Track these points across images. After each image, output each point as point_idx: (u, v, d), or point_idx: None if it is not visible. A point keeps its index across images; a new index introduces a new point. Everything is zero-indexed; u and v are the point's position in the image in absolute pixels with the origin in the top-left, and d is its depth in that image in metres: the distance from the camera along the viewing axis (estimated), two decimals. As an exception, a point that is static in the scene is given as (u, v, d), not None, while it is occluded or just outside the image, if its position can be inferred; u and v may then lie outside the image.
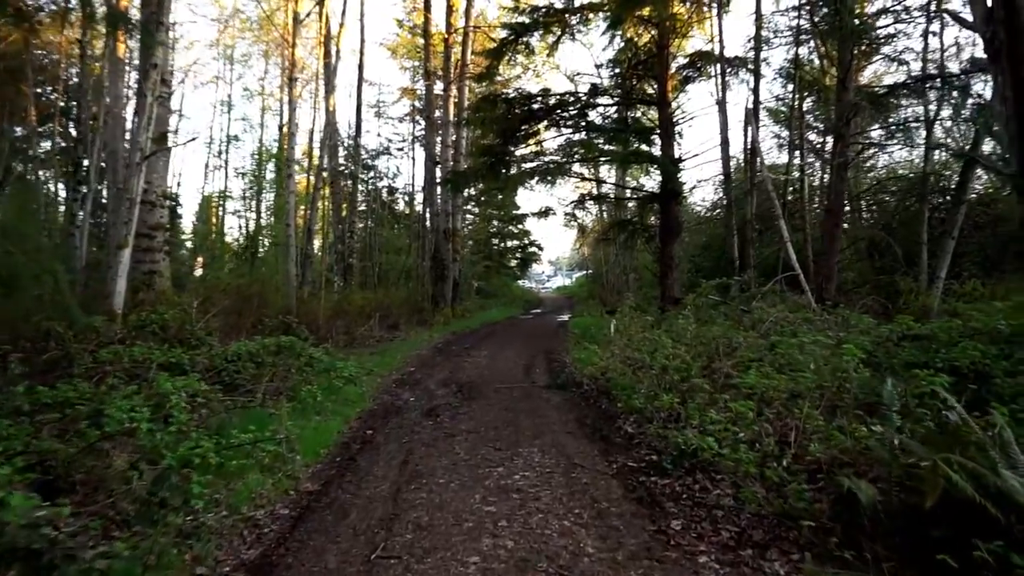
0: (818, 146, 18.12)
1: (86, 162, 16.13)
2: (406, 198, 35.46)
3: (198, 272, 19.66)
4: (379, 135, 51.35)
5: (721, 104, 16.30)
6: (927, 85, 13.47)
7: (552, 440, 6.33)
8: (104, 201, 17.80)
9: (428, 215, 24.40)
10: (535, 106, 17.12)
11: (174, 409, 5.18)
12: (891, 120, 15.87)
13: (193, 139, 14.58)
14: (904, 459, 3.88)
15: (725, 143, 16.41)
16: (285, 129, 17.24)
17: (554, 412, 7.70)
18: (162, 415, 5.23)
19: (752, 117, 14.77)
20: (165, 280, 12.39)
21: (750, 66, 16.73)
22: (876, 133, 17.37)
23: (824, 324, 9.36)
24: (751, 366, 7.18)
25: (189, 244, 25.33)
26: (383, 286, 25.29)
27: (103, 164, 16.56)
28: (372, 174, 33.71)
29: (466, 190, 17.95)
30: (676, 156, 17.04)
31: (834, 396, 5.64)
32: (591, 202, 22.39)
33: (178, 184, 29.07)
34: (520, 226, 37.45)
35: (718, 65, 17.34)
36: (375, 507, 4.55)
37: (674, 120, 16.98)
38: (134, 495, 3.92)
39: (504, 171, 16.67)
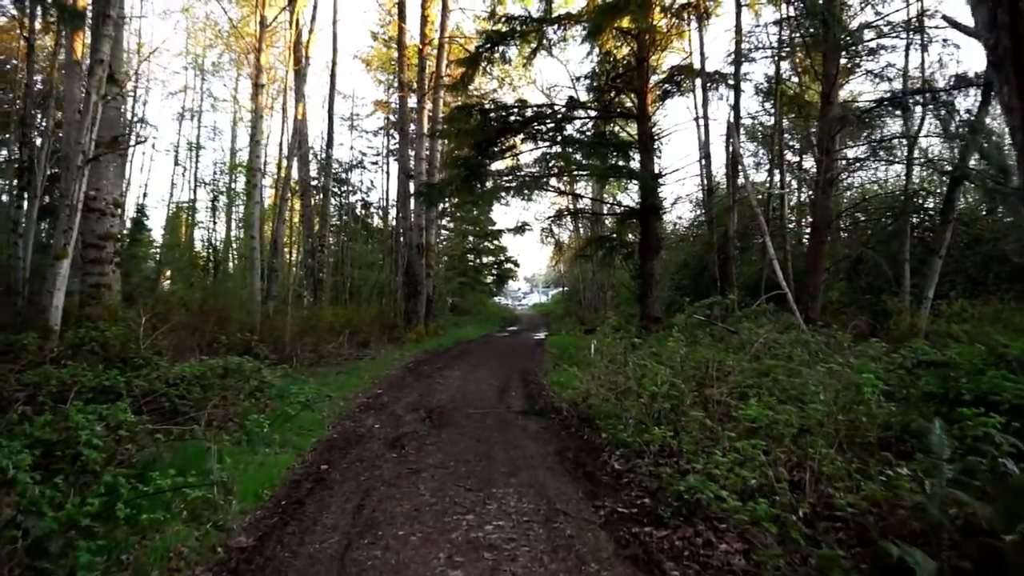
0: (797, 164, 17.67)
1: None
2: (380, 212, 34.64)
3: (166, 286, 18.62)
4: (352, 148, 50.32)
5: (703, 117, 15.76)
6: (912, 100, 13.01)
7: (530, 478, 5.56)
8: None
9: (401, 229, 23.62)
10: (511, 118, 16.50)
11: (84, 446, 4.34)
12: (872, 137, 15.44)
13: (142, 141, 13.52)
14: (958, 516, 3.18)
15: (707, 157, 15.90)
16: (251, 138, 16.42)
17: (532, 443, 6.93)
18: (72, 453, 4.41)
19: (734, 130, 14.22)
20: (115, 294, 11.46)
21: (730, 81, 16.24)
22: (853, 152, 16.96)
23: (817, 347, 8.72)
24: (747, 393, 6.49)
25: (157, 257, 24.25)
26: (355, 302, 24.42)
27: (56, 171, 15.62)
28: (345, 188, 32.88)
29: (440, 204, 17.15)
30: (656, 171, 16.50)
31: (850, 432, 4.95)
32: (568, 217, 21.72)
33: (144, 195, 27.88)
34: (496, 242, 36.81)
35: (698, 79, 16.83)
36: (317, 571, 3.74)
37: (653, 135, 16.44)
38: (10, 564, 3.08)
39: (479, 184, 15.99)
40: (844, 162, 15.47)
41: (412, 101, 23.55)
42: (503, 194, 15.91)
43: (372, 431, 7.61)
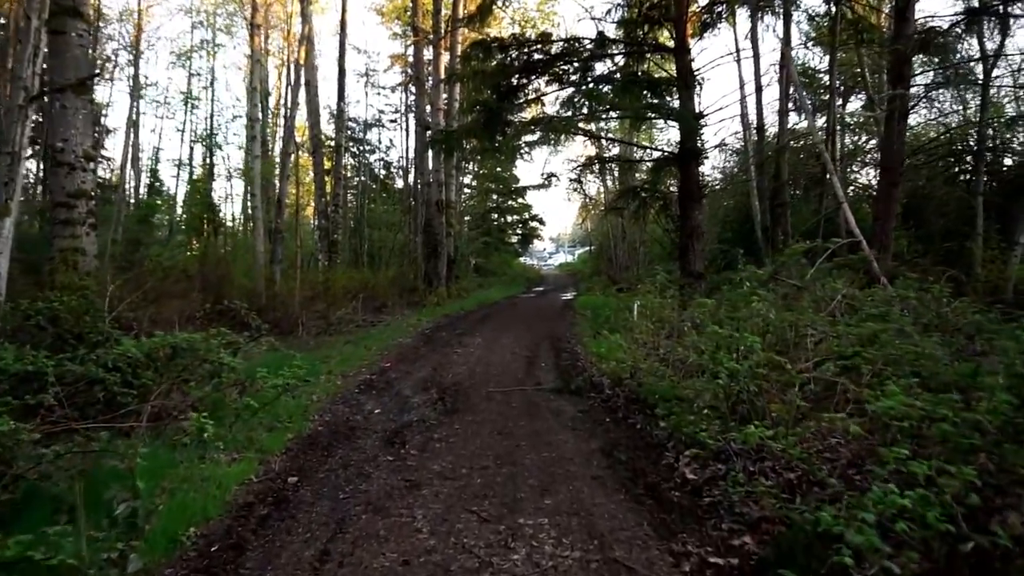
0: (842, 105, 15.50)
1: None
2: (400, 172, 32.86)
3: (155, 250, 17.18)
4: (370, 106, 48.47)
5: (752, 47, 13.68)
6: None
7: (571, 496, 3.93)
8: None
9: (419, 185, 21.91)
10: (534, 56, 14.56)
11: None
12: (944, 63, 13.30)
13: (96, 74, 11.69)
14: None
15: (759, 90, 13.83)
16: (248, 84, 14.69)
17: (570, 436, 5.28)
18: None
19: (789, 60, 12.21)
20: (89, 259, 9.95)
21: (778, 6, 14.12)
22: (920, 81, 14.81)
23: (923, 306, 6.94)
24: (859, 370, 4.76)
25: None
26: (375, 265, 22.86)
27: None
28: (363, 147, 31.14)
29: (459, 154, 15.40)
30: (697, 110, 14.52)
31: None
32: (598, 167, 19.68)
33: (155, 159, 26.22)
34: (520, 199, 34.88)
35: (743, 6, 14.73)
36: None
37: (693, 70, 14.42)
38: None
39: (500, 130, 14.15)
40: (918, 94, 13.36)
41: (428, 53, 21.62)
42: (526, 142, 14.06)
43: (369, 420, 6.03)
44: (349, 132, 31.33)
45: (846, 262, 9.19)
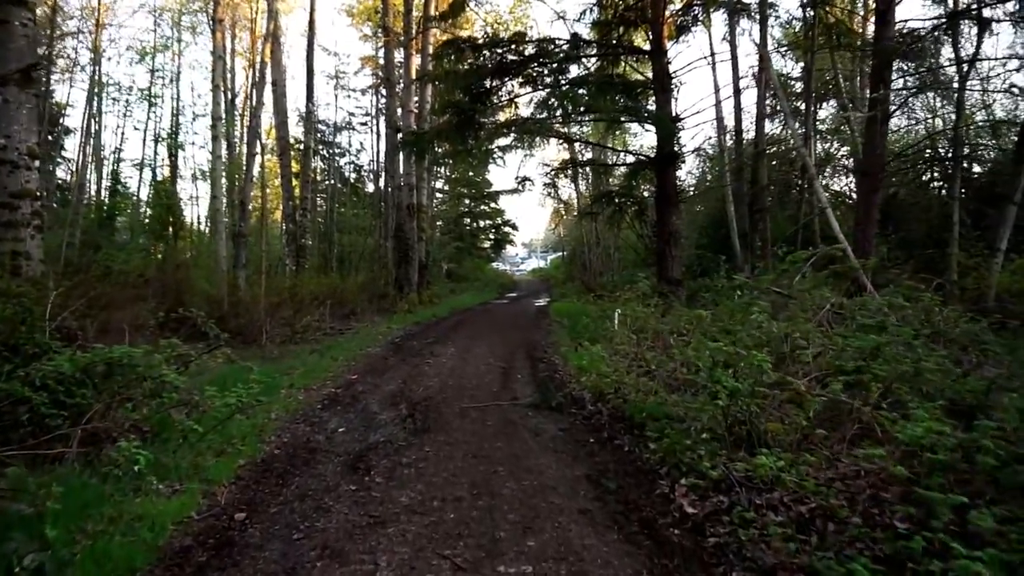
0: (837, 102, 15.26)
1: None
2: (371, 176, 32.17)
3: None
4: (340, 109, 47.52)
5: (731, 46, 13.37)
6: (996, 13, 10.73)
7: (558, 537, 3.45)
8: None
9: (389, 189, 21.34)
10: (508, 56, 14.12)
11: None
12: (920, 68, 13.14)
13: (40, 65, 10.70)
14: None
15: (736, 93, 13.54)
16: (211, 82, 13.98)
17: (552, 460, 4.80)
18: None
19: (767, 63, 11.92)
20: (35, 264, 9.26)
21: (755, 12, 13.87)
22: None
23: (917, 318, 6.60)
24: (866, 387, 4.36)
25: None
26: (345, 270, 22.19)
27: None
28: (333, 150, 30.46)
29: (431, 157, 14.86)
30: (674, 114, 14.19)
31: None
32: (573, 170, 19.24)
33: (117, 161, 25.07)
34: (493, 204, 34.42)
35: (719, 10, 14.48)
36: None
37: (670, 73, 14.09)
38: None
39: (473, 131, 13.68)
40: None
41: (399, 56, 21.06)
42: (499, 145, 13.63)
43: (332, 440, 5.50)
44: (319, 135, 30.70)
45: (841, 269, 8.84)
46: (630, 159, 16.78)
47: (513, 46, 13.92)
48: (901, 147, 14.87)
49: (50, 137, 21.27)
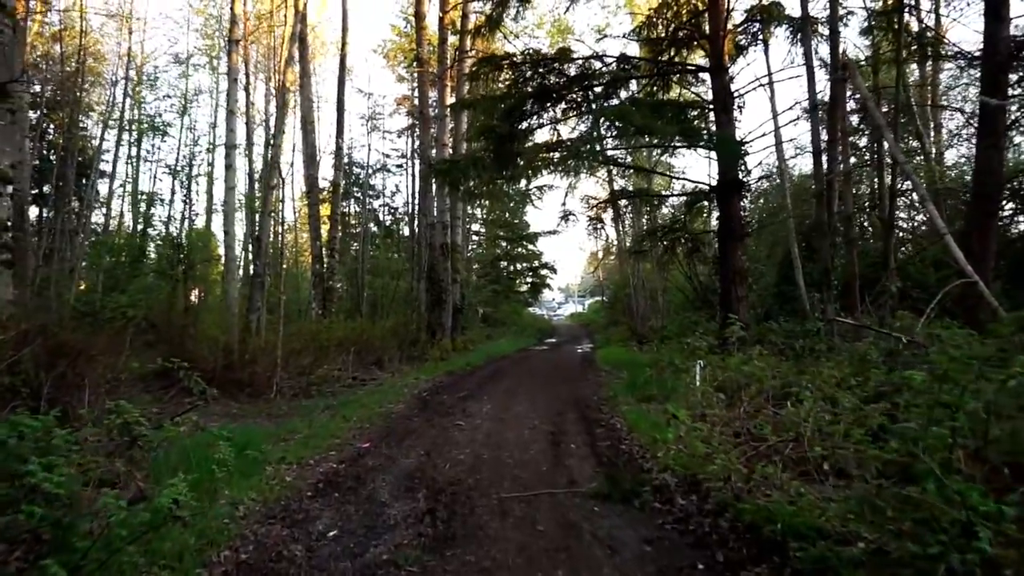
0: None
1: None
2: (406, 218, 30.81)
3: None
4: (376, 150, 46.64)
5: (807, 58, 11.56)
6: None
7: None
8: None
9: (422, 228, 19.82)
10: (550, 77, 12.56)
11: None
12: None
13: (20, 79, 9.25)
14: None
15: (813, 108, 11.64)
16: (225, 107, 12.63)
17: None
18: None
19: (853, 72, 10.10)
20: (1, 303, 7.78)
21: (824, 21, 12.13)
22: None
23: None
24: None
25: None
26: (378, 315, 20.58)
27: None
28: (366, 192, 29.27)
29: (465, 189, 13.26)
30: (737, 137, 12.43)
31: None
32: (624, 202, 17.37)
33: (150, 201, 23.90)
34: (531, 246, 32.74)
35: (782, 25, 12.79)
36: None
37: (732, 91, 12.37)
38: None
39: (511, 158, 12.05)
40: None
41: (433, 94, 19.72)
42: (541, 165, 11.90)
43: (313, 557, 3.72)
44: (353, 177, 29.60)
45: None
46: (687, 187, 14.92)
47: (555, 64, 12.36)
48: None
49: (84, 180, 20.33)
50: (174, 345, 11.12)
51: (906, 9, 10.72)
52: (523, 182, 17.13)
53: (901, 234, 14.29)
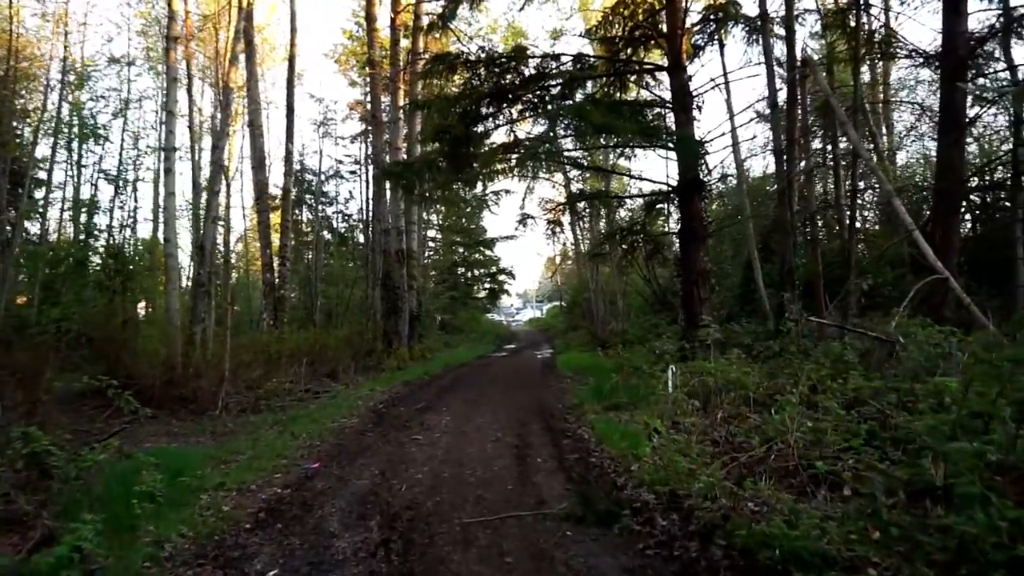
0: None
1: None
2: (361, 225, 29.99)
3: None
4: (328, 156, 45.69)
5: (766, 55, 11.36)
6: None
7: None
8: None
9: (376, 234, 19.21)
10: (506, 76, 12.17)
11: None
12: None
13: None
14: None
15: (773, 107, 11.45)
16: (163, 108, 11.83)
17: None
18: None
19: (811, 64, 9.92)
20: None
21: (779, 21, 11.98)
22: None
23: None
24: None
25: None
26: (334, 325, 19.82)
27: None
28: (319, 198, 28.42)
29: (420, 191, 12.72)
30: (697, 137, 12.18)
31: None
32: (583, 204, 16.94)
33: (91, 209, 22.41)
34: (488, 252, 32.26)
35: (738, 25, 12.58)
36: None
37: (691, 91, 12.13)
38: None
39: (467, 159, 11.60)
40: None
41: (386, 100, 19.14)
42: (498, 174, 11.52)
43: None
44: (306, 184, 28.73)
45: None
46: (647, 189, 14.67)
47: (511, 64, 11.95)
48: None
49: (19, 189, 19.14)
50: (111, 360, 10.37)
51: (861, 6, 10.55)
52: (479, 185, 16.67)
53: (859, 234, 14.21)
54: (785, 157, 10.93)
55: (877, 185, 13.01)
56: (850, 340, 6.44)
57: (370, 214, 24.00)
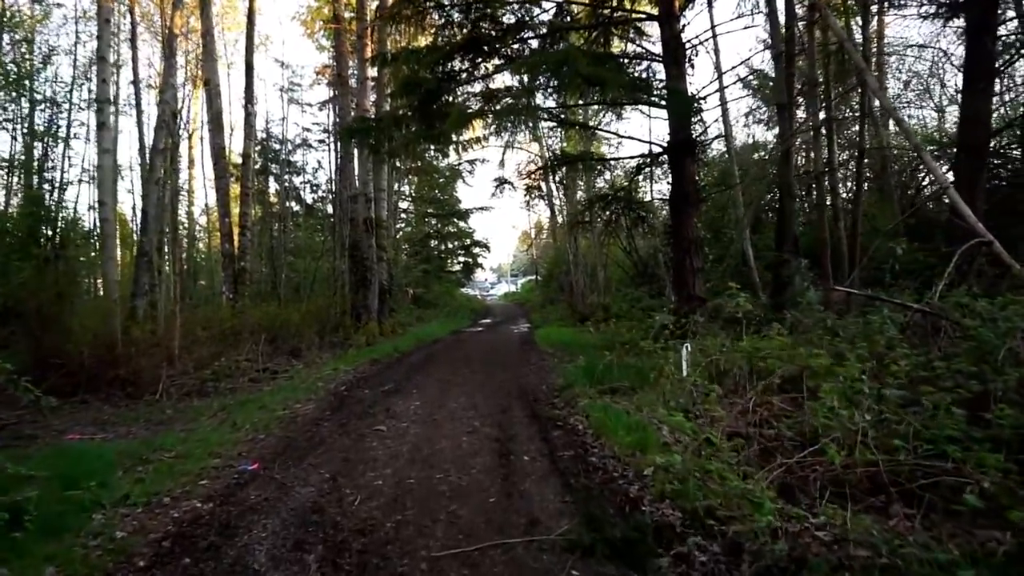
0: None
1: None
2: (330, 196, 28.46)
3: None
4: (295, 124, 43.70)
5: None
6: None
7: None
8: None
9: (342, 202, 17.88)
10: (482, 25, 10.94)
11: None
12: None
13: None
14: None
15: (777, 59, 10.29)
16: (95, 52, 10.31)
17: None
18: None
19: (821, 7, 8.81)
20: None
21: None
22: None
23: None
24: None
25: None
26: (300, 299, 18.50)
27: None
28: (284, 168, 26.86)
29: (387, 151, 11.47)
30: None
31: None
32: (564, 168, 15.63)
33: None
34: (462, 224, 30.96)
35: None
36: None
37: (683, 43, 10.98)
38: None
39: (439, 115, 10.38)
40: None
41: (353, 64, 17.69)
42: (472, 128, 10.33)
43: None
44: (272, 153, 27.15)
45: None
46: (633, 152, 13.50)
47: (487, 8, 10.70)
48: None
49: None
50: (35, 338, 9.07)
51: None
52: (452, 152, 15.44)
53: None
54: (788, 114, 9.89)
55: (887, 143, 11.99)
56: (890, 313, 5.44)
57: (336, 181, 22.59)
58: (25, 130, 15.09)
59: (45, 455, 5.01)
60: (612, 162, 16.00)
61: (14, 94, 14.54)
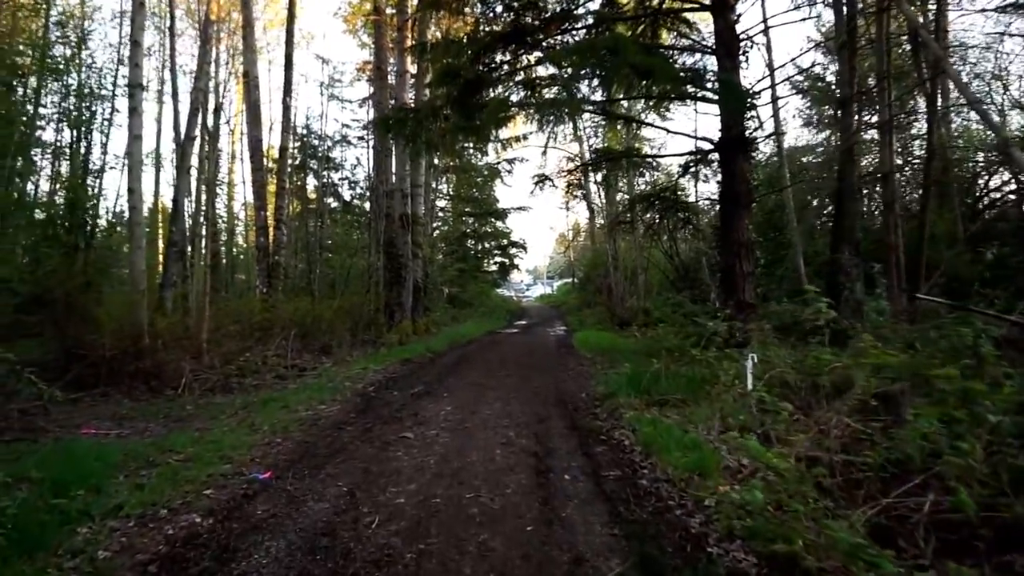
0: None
1: None
2: (369, 192, 28.21)
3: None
4: (335, 120, 43.65)
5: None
6: None
7: None
8: None
9: (379, 196, 17.51)
10: (525, 15, 10.42)
11: None
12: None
13: None
14: None
15: (843, 48, 9.56)
16: (129, 36, 10.10)
17: None
18: None
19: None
20: None
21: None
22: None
23: None
24: None
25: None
26: (335, 295, 18.20)
27: None
28: (323, 164, 26.71)
29: (424, 144, 11.02)
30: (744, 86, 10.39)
31: None
32: (592, 168, 14.87)
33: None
34: (500, 224, 30.47)
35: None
36: None
37: (738, 34, 10.31)
38: None
39: (478, 105, 9.88)
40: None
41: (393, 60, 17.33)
42: (514, 112, 9.82)
43: None
44: (311, 149, 27.05)
45: None
46: (680, 149, 12.84)
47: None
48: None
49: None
50: (60, 328, 8.82)
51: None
52: (491, 150, 14.91)
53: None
54: (850, 110, 9.16)
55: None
56: (983, 326, 4.78)
57: (373, 176, 22.30)
58: (70, 119, 14.84)
59: (47, 452, 4.63)
60: (657, 160, 15.32)
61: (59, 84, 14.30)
